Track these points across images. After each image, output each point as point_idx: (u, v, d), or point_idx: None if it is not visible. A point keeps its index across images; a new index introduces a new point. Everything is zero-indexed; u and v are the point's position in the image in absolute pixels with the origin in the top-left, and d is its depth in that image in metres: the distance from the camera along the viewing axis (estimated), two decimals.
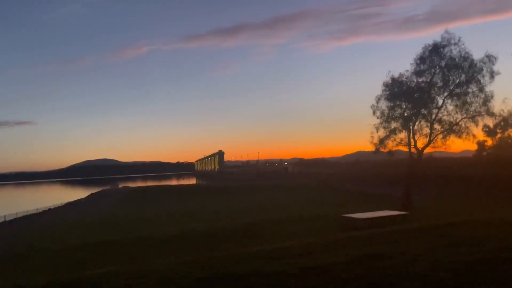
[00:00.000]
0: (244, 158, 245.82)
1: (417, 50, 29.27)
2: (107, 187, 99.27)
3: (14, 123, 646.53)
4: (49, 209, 57.76)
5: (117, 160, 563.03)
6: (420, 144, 29.09)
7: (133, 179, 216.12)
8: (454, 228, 10.00)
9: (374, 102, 30.82)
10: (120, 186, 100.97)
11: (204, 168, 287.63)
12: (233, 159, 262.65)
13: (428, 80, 28.72)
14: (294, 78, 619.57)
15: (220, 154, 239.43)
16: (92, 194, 79.27)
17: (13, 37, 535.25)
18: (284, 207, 34.42)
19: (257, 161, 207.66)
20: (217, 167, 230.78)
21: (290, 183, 73.19)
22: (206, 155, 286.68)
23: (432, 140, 28.78)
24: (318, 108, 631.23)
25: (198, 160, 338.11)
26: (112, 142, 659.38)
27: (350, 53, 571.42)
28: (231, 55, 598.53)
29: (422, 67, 28.73)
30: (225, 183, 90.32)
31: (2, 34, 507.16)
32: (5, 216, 40.75)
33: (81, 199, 68.53)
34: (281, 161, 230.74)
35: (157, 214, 36.82)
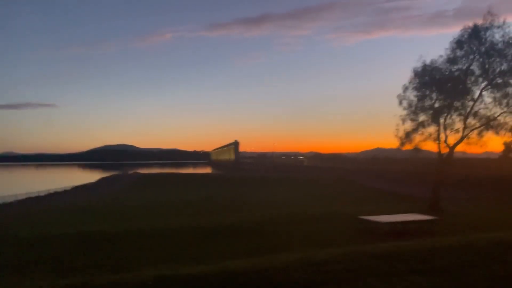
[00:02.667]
0: (260, 149, 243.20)
1: (445, 45, 25.93)
2: (118, 173, 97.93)
3: (37, 104, 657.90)
4: (55, 192, 56.38)
5: (135, 146, 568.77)
6: (451, 140, 25.86)
7: (150, 166, 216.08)
8: None
9: (401, 91, 27.69)
10: (131, 172, 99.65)
11: (220, 157, 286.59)
12: (248, 150, 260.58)
13: (465, 68, 25.36)
14: (316, 71, 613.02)
15: (236, 144, 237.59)
16: (102, 178, 77.82)
17: (38, 19, 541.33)
18: (297, 202, 31.67)
19: (273, 153, 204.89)
20: (233, 157, 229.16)
21: (305, 177, 70.29)
22: (222, 145, 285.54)
23: (466, 136, 25.51)
24: (338, 102, 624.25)
25: (214, 150, 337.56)
26: (131, 128, 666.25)
27: (376, 47, 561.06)
28: (254, 45, 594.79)
29: (458, 53, 25.34)
30: (239, 174, 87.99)
31: (27, 16, 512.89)
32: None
33: (89, 183, 66.99)
34: (297, 154, 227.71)
35: (160, 203, 34.53)
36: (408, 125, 26.87)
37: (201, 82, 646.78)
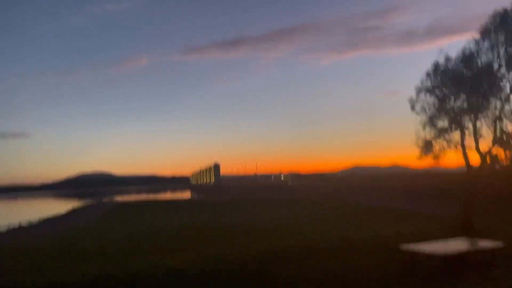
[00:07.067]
0: (241, 171, 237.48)
1: (417, 63, 22.60)
2: (92, 201, 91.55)
3: (9, 134, 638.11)
4: (20, 226, 50.24)
5: (112, 173, 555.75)
6: (484, 147, 21.94)
7: (127, 192, 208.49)
8: None
9: (413, 94, 23.97)
10: (106, 199, 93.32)
11: (199, 181, 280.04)
12: (229, 172, 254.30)
13: (491, 61, 21.81)
14: (293, 91, 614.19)
15: (216, 166, 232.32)
16: (73, 209, 71.67)
17: (8, 47, 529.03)
18: (298, 228, 27.06)
19: (255, 174, 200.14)
20: (213, 180, 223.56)
21: (294, 198, 65.88)
22: (202, 168, 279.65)
23: (497, 141, 21.68)
24: (315, 121, 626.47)
25: (194, 173, 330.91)
26: (107, 155, 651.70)
27: (350, 66, 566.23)
28: (231, 68, 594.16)
29: (483, 45, 21.82)
30: (221, 197, 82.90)
31: None
32: None
33: (58, 214, 60.85)
34: (277, 175, 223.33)
35: (137, 235, 29.40)
36: (428, 132, 23.07)
37: (178, 106, 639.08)
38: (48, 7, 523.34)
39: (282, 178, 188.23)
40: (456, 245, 13.40)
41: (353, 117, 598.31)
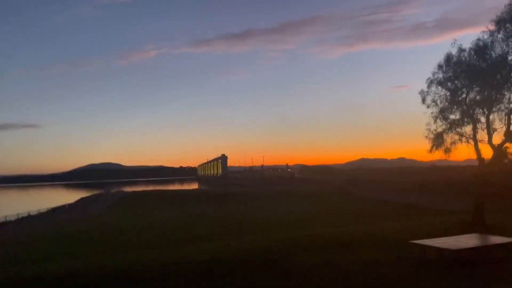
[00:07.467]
0: (248, 163, 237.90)
1: (426, 57, 21.94)
2: (100, 192, 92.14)
3: (20, 125, 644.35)
4: (29, 215, 50.76)
5: (120, 164, 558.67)
6: (497, 140, 21.47)
7: (135, 184, 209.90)
8: None
9: (424, 87, 23.43)
10: (115, 190, 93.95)
11: (206, 173, 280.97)
12: (236, 164, 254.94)
13: (506, 53, 21.26)
14: (301, 84, 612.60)
15: (223, 158, 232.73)
16: (81, 199, 72.15)
17: (20, 38, 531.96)
18: (307, 221, 26.91)
19: (262, 166, 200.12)
20: (220, 172, 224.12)
21: (301, 190, 65.69)
22: (209, 160, 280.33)
23: (511, 134, 21.19)
24: (323, 114, 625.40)
25: (201, 165, 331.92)
26: (116, 146, 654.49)
27: (358, 60, 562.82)
28: (239, 60, 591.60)
29: (497, 36, 21.23)
30: (229, 189, 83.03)
31: (9, 35, 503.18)
32: None
33: (67, 204, 61.30)
34: (284, 167, 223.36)
35: (146, 225, 29.50)
36: (439, 125, 22.61)
37: (186, 98, 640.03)
38: None
39: (290, 170, 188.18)
40: (468, 240, 13.12)
41: (360, 109, 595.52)
